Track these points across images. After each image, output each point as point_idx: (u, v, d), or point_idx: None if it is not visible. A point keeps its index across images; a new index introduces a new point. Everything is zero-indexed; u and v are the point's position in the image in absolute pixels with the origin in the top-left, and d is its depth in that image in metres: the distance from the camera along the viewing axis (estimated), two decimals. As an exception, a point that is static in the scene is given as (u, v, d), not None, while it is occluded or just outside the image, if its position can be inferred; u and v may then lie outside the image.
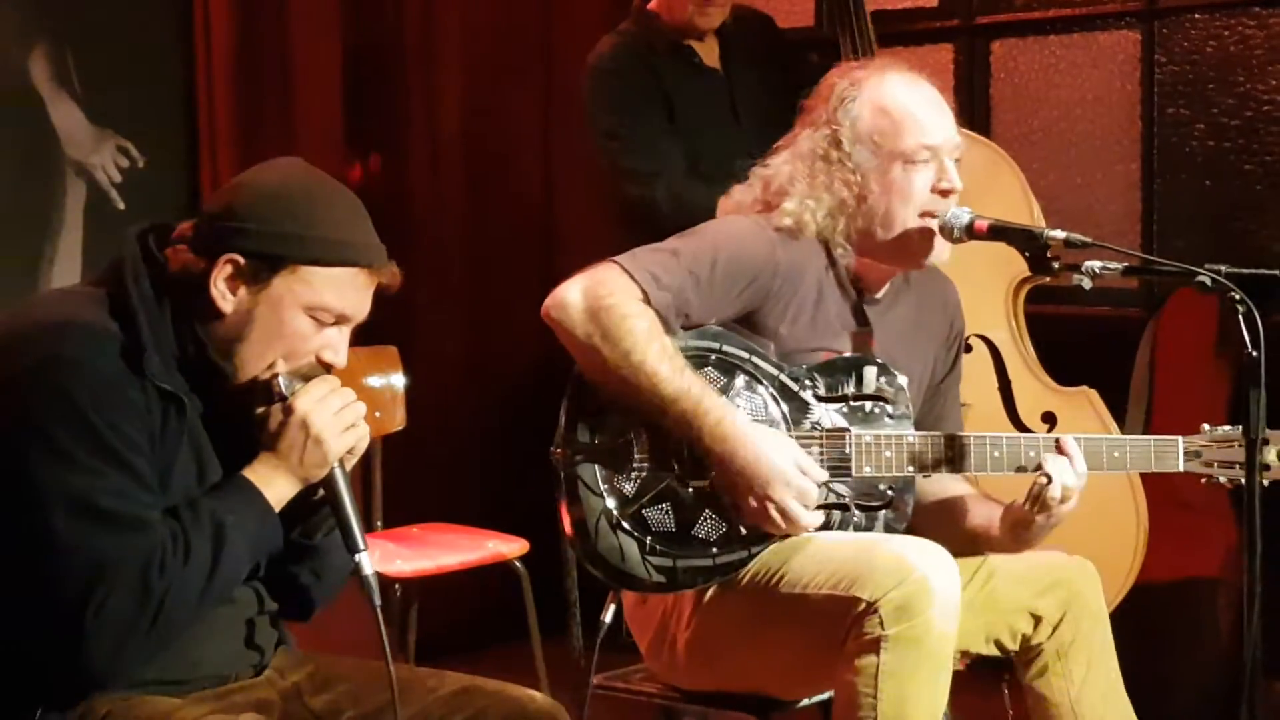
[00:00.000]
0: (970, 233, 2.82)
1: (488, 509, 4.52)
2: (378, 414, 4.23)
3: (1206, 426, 2.84)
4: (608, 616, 2.81)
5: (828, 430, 2.77)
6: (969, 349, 3.76)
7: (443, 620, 4.48)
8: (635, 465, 2.74)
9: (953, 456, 2.78)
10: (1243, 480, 2.73)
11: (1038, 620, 2.82)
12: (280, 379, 2.24)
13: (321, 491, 2.28)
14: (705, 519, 2.74)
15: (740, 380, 2.76)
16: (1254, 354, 2.48)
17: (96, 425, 2.10)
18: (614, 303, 2.69)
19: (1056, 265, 2.74)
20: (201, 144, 4.42)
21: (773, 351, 2.80)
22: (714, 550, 2.74)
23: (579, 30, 5.14)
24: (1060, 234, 2.73)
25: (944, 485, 2.93)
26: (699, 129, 3.97)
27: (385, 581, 3.94)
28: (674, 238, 2.84)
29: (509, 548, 4.02)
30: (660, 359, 2.68)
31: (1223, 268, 2.55)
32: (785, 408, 2.77)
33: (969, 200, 2.87)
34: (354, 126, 4.80)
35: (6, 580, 2.09)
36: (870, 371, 2.81)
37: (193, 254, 2.23)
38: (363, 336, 4.44)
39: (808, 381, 2.79)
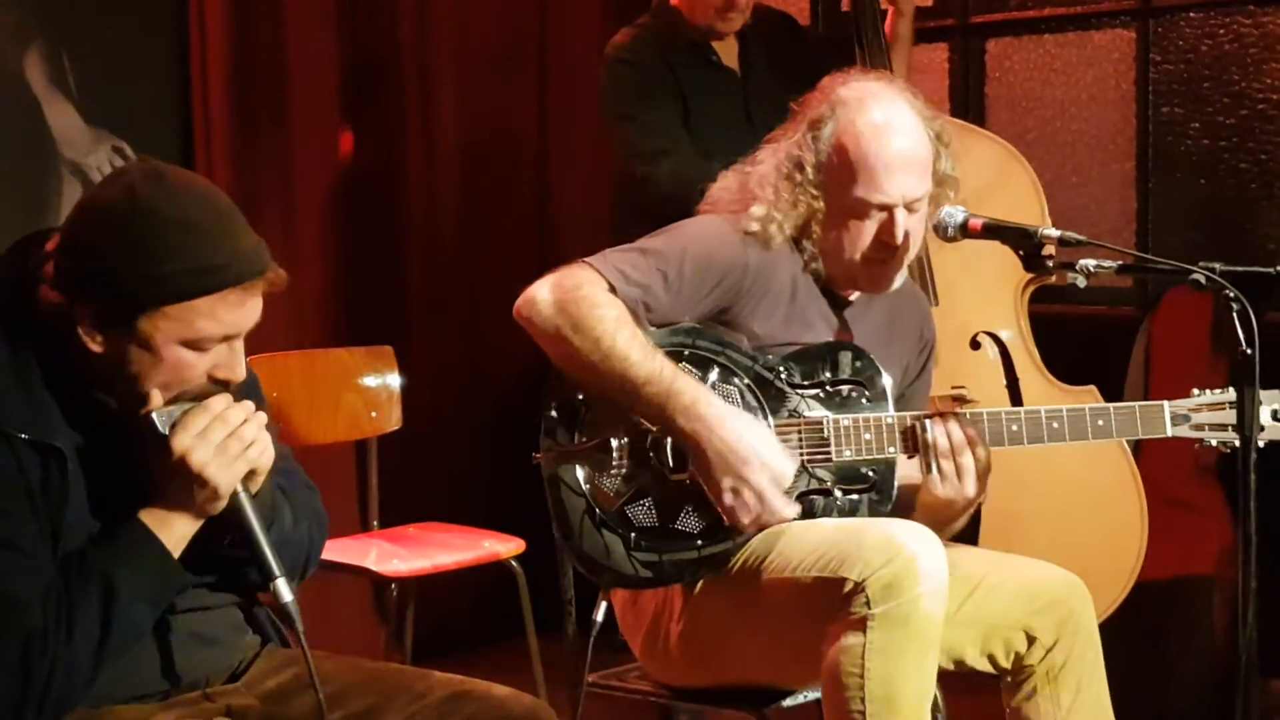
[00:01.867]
0: (964, 231, 2.82)
1: (484, 508, 4.52)
2: (374, 414, 4.24)
3: (1196, 391, 2.83)
4: (599, 615, 2.81)
5: (805, 417, 2.78)
6: (977, 346, 3.76)
7: (439, 619, 4.48)
8: (615, 463, 2.75)
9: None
10: (1236, 443, 2.72)
11: (1032, 639, 2.81)
12: (155, 416, 2.10)
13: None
14: (687, 512, 2.75)
15: (715, 374, 2.77)
16: (1248, 352, 2.48)
17: None
18: (583, 294, 2.71)
19: (1051, 263, 2.74)
20: (197, 145, 4.41)
21: (747, 345, 2.81)
22: (699, 542, 2.75)
23: (575, 31, 5.15)
24: (1055, 232, 2.72)
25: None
26: (712, 127, 3.97)
27: (381, 581, 3.94)
28: (644, 238, 2.85)
29: (505, 547, 4.03)
30: (630, 344, 2.69)
31: (1217, 265, 2.55)
32: (761, 398, 2.78)
33: (980, 197, 2.86)
34: (349, 127, 4.80)
35: None
36: (845, 356, 2.82)
37: (58, 293, 2.09)
38: (358, 337, 4.49)
39: (783, 371, 2.80)
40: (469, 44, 4.99)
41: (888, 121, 2.80)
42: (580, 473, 2.76)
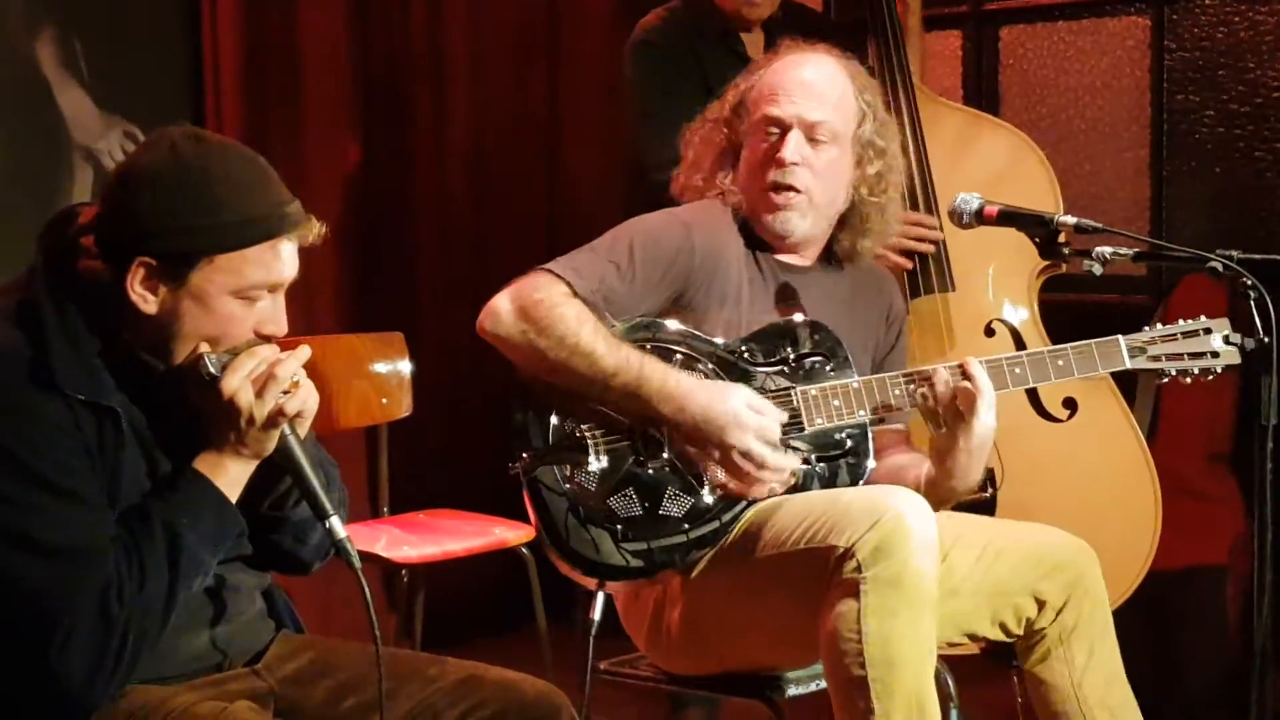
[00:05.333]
0: (980, 218, 2.81)
1: (494, 495, 4.50)
2: (384, 401, 4.24)
3: (1147, 326, 2.86)
4: (595, 614, 2.80)
5: (773, 392, 2.80)
6: (991, 333, 3.75)
7: (449, 606, 4.48)
8: (592, 457, 2.76)
9: (900, 393, 2.80)
10: (1195, 370, 2.81)
11: (1041, 604, 2.82)
12: (206, 360, 2.16)
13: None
14: (671, 496, 2.76)
15: (678, 361, 2.79)
16: (1266, 340, 2.47)
17: (22, 457, 2.04)
18: (541, 297, 2.75)
19: (1067, 251, 2.73)
20: (208, 129, 4.41)
21: (706, 332, 2.84)
22: (685, 526, 2.76)
23: (587, 21, 5.14)
24: (1071, 219, 2.72)
25: (886, 459, 2.95)
26: None
27: (392, 567, 3.94)
28: (596, 240, 2.89)
29: (515, 534, 4.02)
30: (594, 339, 2.73)
31: (1234, 253, 2.54)
32: (727, 380, 2.79)
33: (993, 186, 2.87)
34: (361, 114, 4.79)
35: None
36: (803, 331, 2.87)
37: (100, 259, 2.14)
38: (369, 323, 4.48)
39: (744, 351, 2.83)
40: (481, 34, 4.99)
41: (801, 58, 2.98)
42: (559, 473, 2.76)
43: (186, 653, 2.24)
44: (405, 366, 4.28)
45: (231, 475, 2.19)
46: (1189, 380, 2.84)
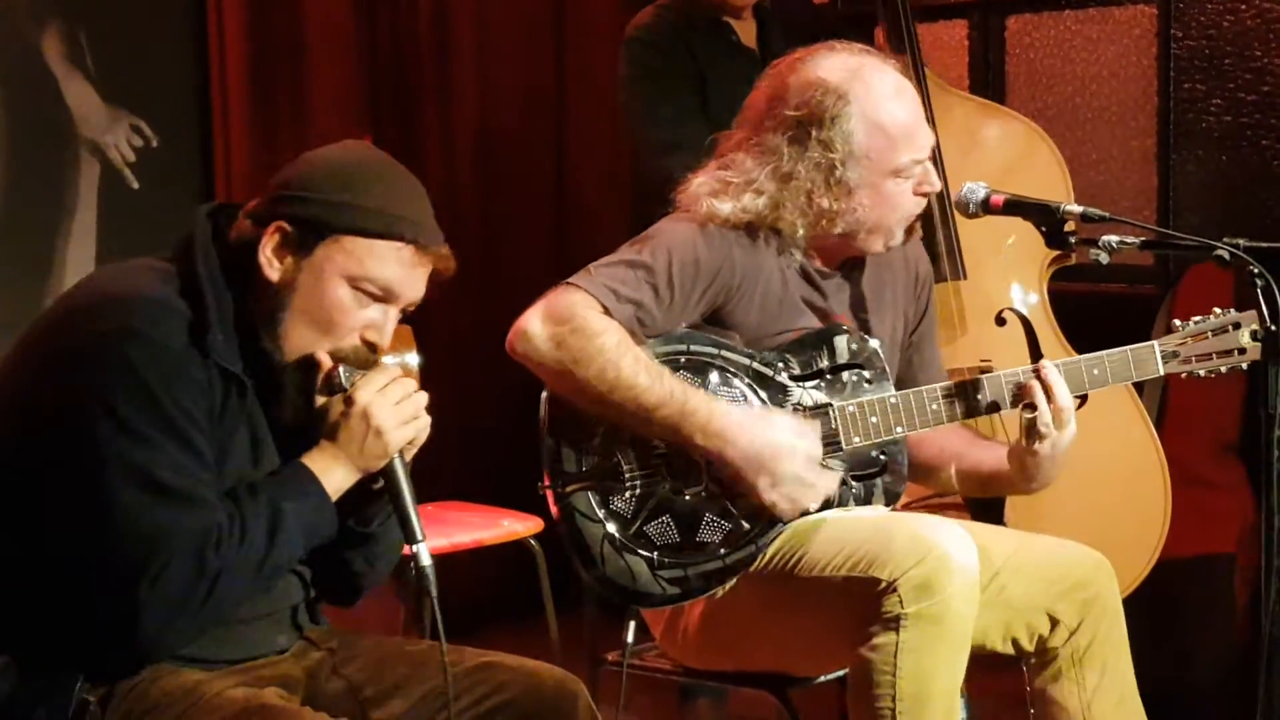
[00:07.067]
0: (986, 207, 2.81)
1: (502, 487, 4.51)
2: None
3: (1177, 322, 2.83)
4: (629, 636, 2.81)
5: (810, 409, 2.75)
6: (1002, 323, 3.75)
7: (458, 598, 4.43)
8: (627, 484, 2.73)
9: (938, 408, 2.77)
10: (1223, 369, 2.78)
11: (1055, 623, 2.80)
12: (341, 369, 2.24)
13: (380, 482, 2.29)
14: (708, 523, 2.73)
15: (714, 377, 2.75)
16: (1273, 328, 2.47)
17: (160, 399, 2.11)
18: (578, 325, 2.68)
19: (1074, 240, 2.73)
20: (214, 123, 4.42)
21: (740, 341, 2.78)
22: (722, 551, 2.73)
23: (593, 10, 5.14)
24: (1077, 208, 2.71)
25: (939, 433, 2.90)
26: (729, 110, 3.94)
27: (401, 559, 3.93)
28: (627, 247, 2.80)
29: (524, 526, 4.02)
30: (636, 371, 2.66)
31: (1241, 241, 2.54)
32: (764, 395, 2.76)
33: (1004, 176, 2.85)
34: (367, 106, 4.80)
35: (64, 547, 2.10)
36: (840, 341, 2.80)
37: (251, 224, 2.25)
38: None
39: (780, 364, 2.78)
40: (488, 23, 4.99)
41: (898, 84, 2.80)
42: (594, 499, 2.73)
43: (243, 639, 2.29)
44: (413, 358, 4.24)
45: (336, 480, 2.25)
46: (1214, 375, 2.82)
